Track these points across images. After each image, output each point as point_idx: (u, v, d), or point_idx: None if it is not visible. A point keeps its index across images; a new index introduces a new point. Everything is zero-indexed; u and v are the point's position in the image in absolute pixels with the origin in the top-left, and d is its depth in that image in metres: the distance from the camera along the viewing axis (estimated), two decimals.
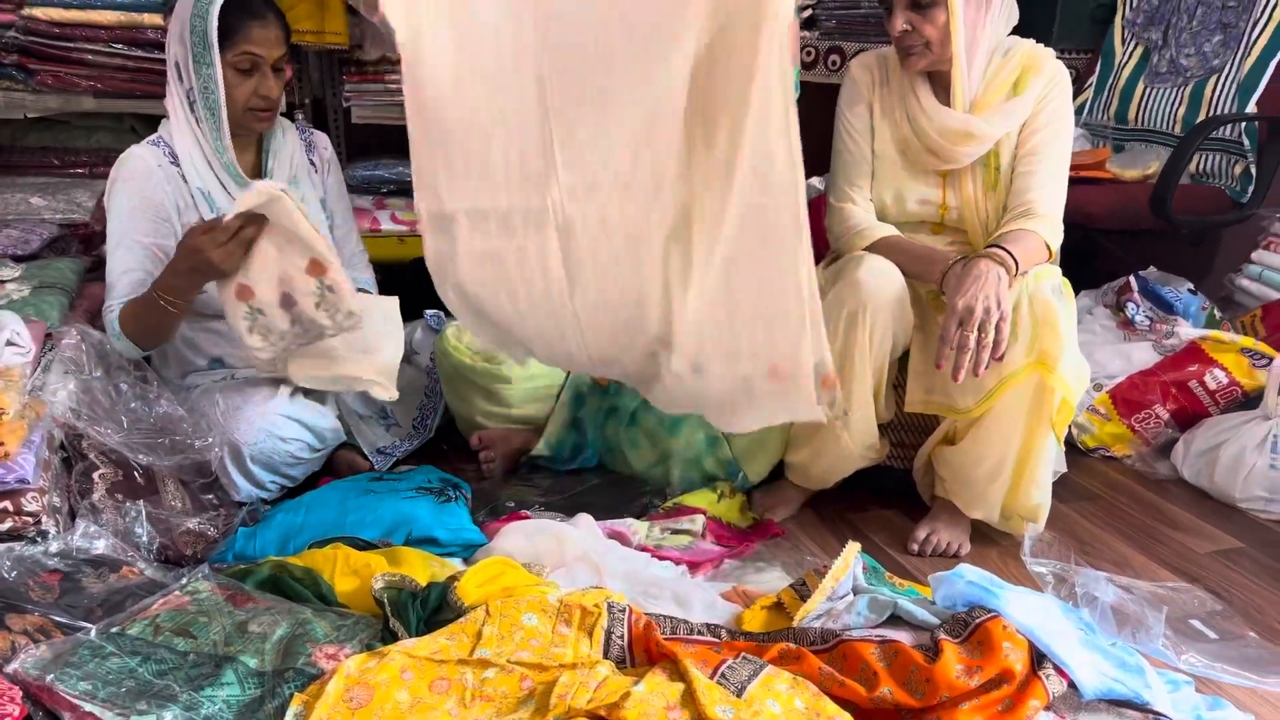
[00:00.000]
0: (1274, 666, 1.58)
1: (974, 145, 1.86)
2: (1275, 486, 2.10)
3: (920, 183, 1.94)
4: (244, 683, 1.33)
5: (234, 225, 1.73)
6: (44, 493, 1.62)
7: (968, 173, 1.90)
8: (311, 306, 1.81)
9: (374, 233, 2.76)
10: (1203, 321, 2.51)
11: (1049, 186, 1.85)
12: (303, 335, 1.85)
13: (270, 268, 1.78)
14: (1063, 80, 1.87)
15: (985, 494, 1.87)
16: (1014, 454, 1.81)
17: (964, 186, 1.91)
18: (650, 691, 1.31)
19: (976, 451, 1.85)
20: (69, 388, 1.73)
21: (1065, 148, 1.88)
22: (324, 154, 2.21)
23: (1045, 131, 1.86)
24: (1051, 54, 1.90)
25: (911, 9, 1.80)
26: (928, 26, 1.80)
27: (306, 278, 1.78)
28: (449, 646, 1.41)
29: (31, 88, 2.48)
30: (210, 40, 1.86)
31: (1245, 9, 2.72)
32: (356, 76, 2.77)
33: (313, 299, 1.80)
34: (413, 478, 1.98)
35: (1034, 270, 1.79)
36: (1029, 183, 1.85)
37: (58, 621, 1.42)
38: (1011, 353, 1.74)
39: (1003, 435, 1.81)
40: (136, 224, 1.93)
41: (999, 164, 1.88)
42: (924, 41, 1.81)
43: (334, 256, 1.79)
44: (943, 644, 1.39)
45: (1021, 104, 1.84)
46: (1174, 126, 2.82)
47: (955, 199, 1.93)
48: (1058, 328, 1.73)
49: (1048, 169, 1.85)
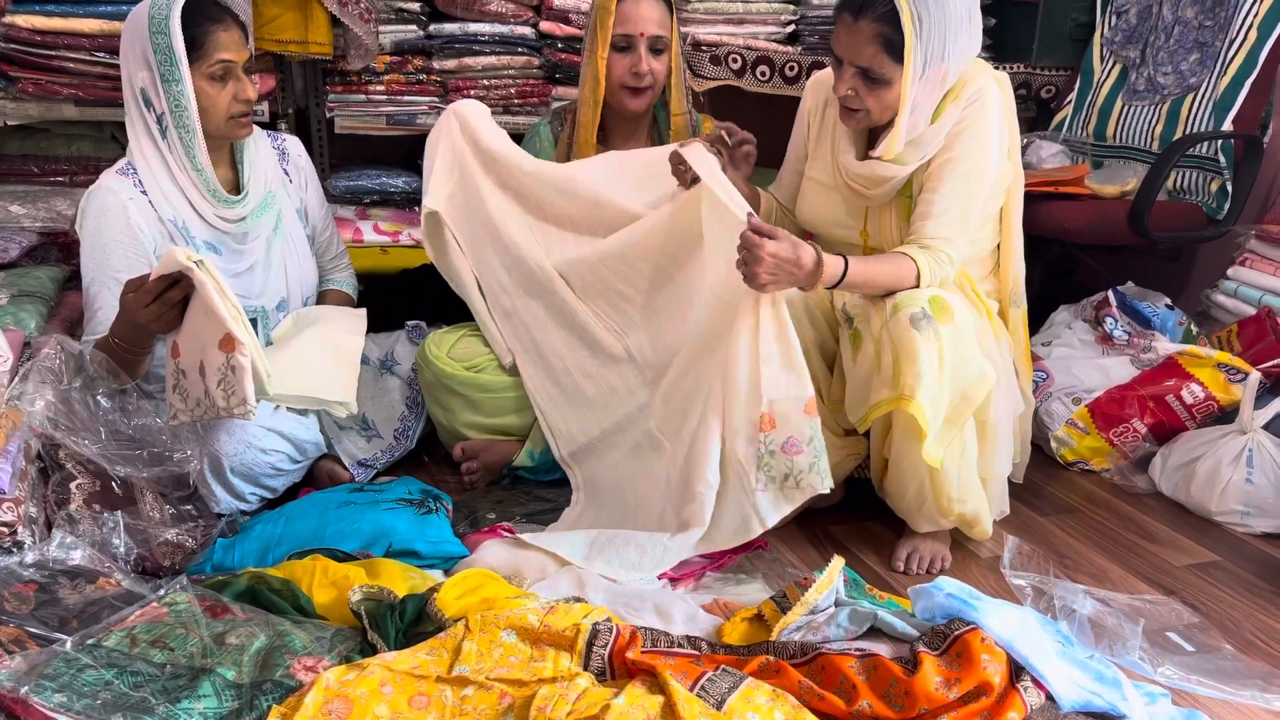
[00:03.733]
0: (1249, 679, 1.59)
1: (891, 185, 1.86)
2: (1251, 500, 2.12)
3: (843, 210, 1.97)
4: (221, 695, 1.32)
5: (156, 288, 1.70)
6: (20, 503, 1.61)
7: (889, 202, 1.91)
8: (214, 383, 1.73)
9: (356, 243, 2.75)
10: (1180, 336, 2.53)
11: (943, 213, 1.79)
12: (210, 409, 1.75)
13: (194, 334, 1.74)
14: (979, 103, 1.79)
15: (921, 512, 1.91)
16: (926, 477, 1.83)
17: (883, 214, 1.93)
18: (630, 704, 1.31)
19: (899, 478, 1.90)
20: (47, 397, 1.72)
21: (972, 171, 1.80)
22: (299, 162, 2.20)
23: (948, 155, 1.80)
24: (981, 72, 1.83)
25: (862, 78, 1.76)
26: (871, 99, 1.78)
27: (217, 352, 1.71)
28: (428, 662, 1.41)
29: (12, 95, 2.47)
30: (177, 55, 1.83)
31: (1221, 29, 2.75)
32: (340, 87, 2.77)
33: (217, 375, 1.72)
34: (393, 489, 1.98)
35: (894, 300, 1.75)
36: (924, 209, 1.81)
37: (33, 633, 1.40)
38: (879, 385, 1.78)
39: (911, 462, 1.83)
40: (110, 259, 1.90)
41: (912, 191, 1.88)
42: (863, 108, 1.80)
43: (248, 335, 1.71)
44: (922, 656, 1.40)
45: (934, 132, 1.80)
46: (1151, 143, 2.85)
47: (874, 226, 1.95)
48: (915, 357, 1.70)
49: (945, 195, 1.79)
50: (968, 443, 1.83)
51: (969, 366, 1.77)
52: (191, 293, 1.72)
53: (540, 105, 2.88)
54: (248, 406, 1.72)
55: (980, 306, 1.90)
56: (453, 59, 2.79)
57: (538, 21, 2.83)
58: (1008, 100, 1.87)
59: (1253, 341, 2.45)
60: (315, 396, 1.99)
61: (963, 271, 1.90)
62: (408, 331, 2.38)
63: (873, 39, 1.71)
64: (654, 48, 2.12)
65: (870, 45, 1.72)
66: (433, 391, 2.22)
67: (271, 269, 2.09)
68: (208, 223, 1.97)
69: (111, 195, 1.91)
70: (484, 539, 1.84)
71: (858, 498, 2.13)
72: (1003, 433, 1.91)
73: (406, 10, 2.75)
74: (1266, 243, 2.59)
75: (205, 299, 1.69)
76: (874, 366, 1.80)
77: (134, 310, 1.72)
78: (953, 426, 1.78)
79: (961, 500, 1.85)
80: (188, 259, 1.67)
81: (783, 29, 2.99)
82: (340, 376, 2.04)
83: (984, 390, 1.77)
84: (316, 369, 2.01)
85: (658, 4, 2.13)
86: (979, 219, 1.86)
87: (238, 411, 1.72)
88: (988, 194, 1.85)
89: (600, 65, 2.12)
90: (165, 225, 1.94)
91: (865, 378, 1.84)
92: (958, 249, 1.81)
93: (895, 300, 1.75)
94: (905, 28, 1.69)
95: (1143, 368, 2.42)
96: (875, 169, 1.84)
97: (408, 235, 2.83)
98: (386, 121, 2.82)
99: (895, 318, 1.74)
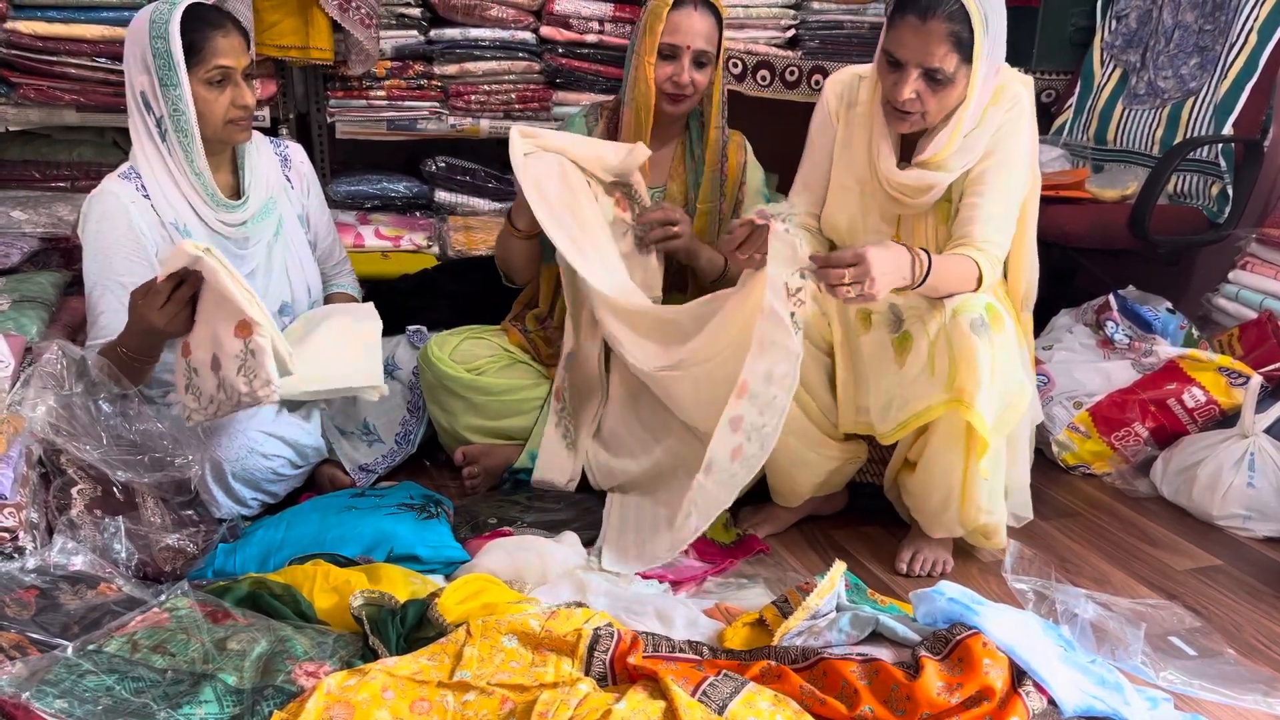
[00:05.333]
0: (1251, 683, 1.59)
1: (934, 193, 1.84)
2: (1253, 504, 2.11)
3: (876, 216, 1.93)
4: (223, 700, 1.32)
5: (166, 288, 1.70)
6: (21, 508, 1.61)
7: (926, 208, 1.89)
8: (234, 371, 1.71)
9: (357, 248, 2.75)
10: (1181, 340, 2.53)
11: (992, 217, 1.80)
12: (226, 403, 1.75)
13: (206, 326, 1.73)
14: (1018, 107, 1.82)
15: (940, 519, 1.90)
16: (957, 485, 1.82)
17: (917, 221, 1.91)
18: (632, 710, 1.31)
19: (927, 482, 1.88)
20: (48, 403, 1.72)
21: (1013, 175, 1.82)
22: (301, 168, 2.20)
23: (992, 159, 1.81)
24: (1014, 76, 1.85)
25: (926, 79, 1.74)
26: (934, 101, 1.76)
27: (233, 339, 1.70)
28: (430, 667, 1.41)
29: (13, 101, 2.47)
30: (175, 60, 1.84)
31: (1221, 33, 2.76)
32: (341, 92, 2.78)
33: (236, 362, 1.71)
34: (394, 494, 1.97)
35: (953, 304, 1.75)
36: (971, 214, 1.81)
37: (34, 638, 1.40)
38: (930, 390, 1.76)
39: (942, 469, 1.82)
40: (113, 263, 1.91)
41: (951, 195, 1.86)
42: (924, 112, 1.78)
43: (264, 316, 1.70)
44: (923, 661, 1.39)
45: (978, 137, 1.81)
46: (1152, 147, 2.85)
47: (906, 232, 1.92)
48: (974, 364, 1.70)
49: (992, 199, 1.80)
50: (1001, 454, 1.83)
51: (1012, 377, 1.77)
52: (200, 289, 1.71)
53: (541, 110, 2.88)
54: (271, 386, 1.71)
55: (1012, 313, 1.90)
56: (453, 64, 2.79)
57: (538, 27, 2.83)
58: (1033, 105, 1.89)
59: (1254, 345, 2.45)
60: (345, 385, 1.99)
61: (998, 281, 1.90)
62: (409, 336, 2.38)
63: (945, 38, 1.71)
64: (698, 61, 2.12)
65: (942, 45, 1.71)
66: (434, 394, 2.22)
67: (273, 274, 2.09)
68: (208, 226, 1.98)
69: (114, 199, 1.91)
70: (485, 543, 1.84)
71: (858, 502, 2.13)
72: (1024, 443, 1.92)
73: (407, 15, 2.76)
74: (1268, 246, 2.59)
75: (218, 286, 1.67)
76: (927, 369, 1.78)
77: (147, 315, 1.72)
78: (997, 436, 1.77)
79: (989, 511, 1.85)
80: (195, 248, 1.66)
81: (783, 34, 2.99)
82: (365, 361, 2.02)
83: (1025, 401, 1.79)
84: (340, 358, 2.00)
85: (708, 18, 2.11)
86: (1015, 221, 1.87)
87: (261, 393, 1.71)
88: (1022, 198, 1.87)
89: (648, 70, 2.12)
90: (167, 228, 1.94)
91: (913, 381, 1.81)
92: (1004, 252, 1.83)
93: (955, 304, 1.74)
94: (975, 25, 1.70)
95: (1144, 372, 2.42)
96: (924, 178, 1.82)
97: (409, 240, 2.84)
98: (387, 127, 2.83)
99: (955, 321, 1.72)
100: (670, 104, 2.15)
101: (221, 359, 1.72)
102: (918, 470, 1.90)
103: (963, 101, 1.77)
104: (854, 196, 1.94)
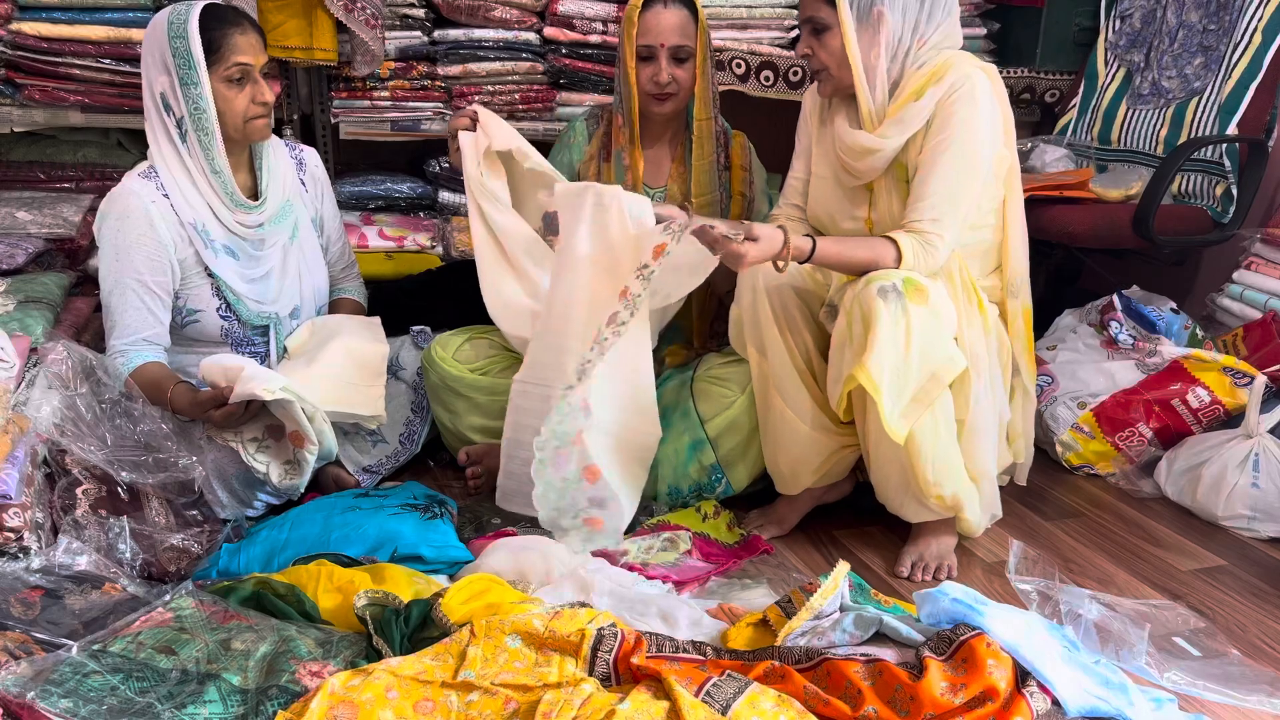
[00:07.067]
0: (1256, 684, 1.58)
1: (874, 159, 1.89)
2: (1257, 504, 2.11)
3: (849, 202, 2.00)
4: (227, 700, 1.32)
5: (235, 410, 1.85)
6: (27, 508, 1.61)
7: (890, 189, 1.93)
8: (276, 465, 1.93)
9: (361, 249, 2.75)
10: (1185, 340, 2.53)
11: (927, 197, 1.83)
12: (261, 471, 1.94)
13: (261, 420, 1.93)
14: (966, 88, 1.83)
15: (908, 502, 1.92)
16: (904, 459, 1.84)
17: (885, 202, 1.95)
18: (635, 710, 1.31)
19: (881, 466, 1.91)
20: (53, 403, 1.72)
21: (961, 159, 1.84)
22: (315, 172, 2.22)
23: (936, 140, 1.84)
24: (966, 61, 1.88)
25: (811, 35, 1.89)
26: (823, 53, 1.88)
27: (286, 441, 1.93)
28: (433, 667, 1.41)
29: (19, 102, 2.47)
30: (196, 59, 1.86)
31: (1225, 32, 2.75)
32: (345, 93, 2.78)
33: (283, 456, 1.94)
34: (398, 494, 1.98)
35: (869, 274, 1.80)
36: (914, 193, 1.87)
37: (39, 638, 1.41)
38: (851, 358, 1.81)
39: (888, 445, 1.83)
40: (133, 262, 1.92)
41: (909, 176, 1.91)
42: (823, 66, 1.90)
43: (312, 433, 1.89)
44: (927, 661, 1.39)
45: (915, 110, 1.85)
46: (1156, 147, 2.85)
47: (878, 215, 1.97)
48: (873, 325, 1.75)
49: (932, 180, 1.84)
50: (941, 425, 1.83)
51: (938, 350, 1.79)
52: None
53: (545, 111, 2.88)
54: (299, 493, 1.98)
55: (974, 301, 1.91)
56: (457, 65, 2.79)
57: (542, 27, 2.83)
58: (999, 89, 1.91)
59: (1259, 345, 2.44)
60: (347, 411, 2.05)
61: (964, 267, 1.91)
62: (413, 336, 2.38)
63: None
64: (676, 56, 2.12)
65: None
66: (438, 394, 2.23)
67: (287, 277, 2.11)
68: (226, 227, 1.99)
69: (135, 198, 1.93)
70: (489, 544, 1.84)
71: (860, 501, 2.13)
72: (986, 434, 1.91)
73: (411, 16, 2.76)
74: (1272, 246, 2.59)
75: (289, 415, 1.87)
76: (846, 338, 1.83)
77: (212, 414, 1.85)
78: (920, 405, 1.79)
79: (938, 483, 1.85)
80: (268, 393, 1.80)
81: (786, 34, 2.99)
82: (369, 388, 2.09)
83: (954, 372, 1.81)
84: (346, 383, 2.05)
85: (679, 11, 2.12)
86: (970, 204, 1.88)
87: (284, 488, 1.94)
88: (981, 180, 1.88)
89: (630, 74, 2.12)
90: (186, 229, 1.96)
91: (839, 350, 1.86)
92: (948, 233, 1.84)
93: (870, 275, 1.81)
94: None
95: (1148, 372, 2.41)
96: (859, 138, 1.90)
97: (412, 241, 2.84)
98: (391, 127, 2.83)
99: (866, 289, 1.78)
100: (656, 104, 2.15)
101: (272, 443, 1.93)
102: (870, 455, 1.92)
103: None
104: (829, 185, 2.03)
